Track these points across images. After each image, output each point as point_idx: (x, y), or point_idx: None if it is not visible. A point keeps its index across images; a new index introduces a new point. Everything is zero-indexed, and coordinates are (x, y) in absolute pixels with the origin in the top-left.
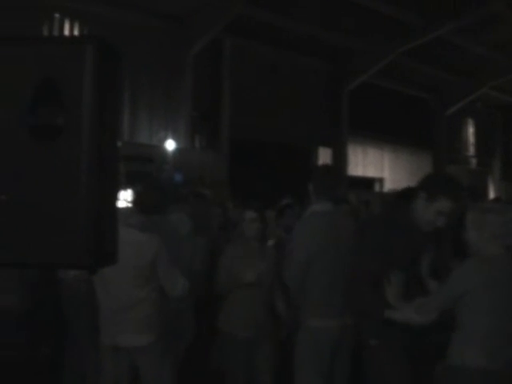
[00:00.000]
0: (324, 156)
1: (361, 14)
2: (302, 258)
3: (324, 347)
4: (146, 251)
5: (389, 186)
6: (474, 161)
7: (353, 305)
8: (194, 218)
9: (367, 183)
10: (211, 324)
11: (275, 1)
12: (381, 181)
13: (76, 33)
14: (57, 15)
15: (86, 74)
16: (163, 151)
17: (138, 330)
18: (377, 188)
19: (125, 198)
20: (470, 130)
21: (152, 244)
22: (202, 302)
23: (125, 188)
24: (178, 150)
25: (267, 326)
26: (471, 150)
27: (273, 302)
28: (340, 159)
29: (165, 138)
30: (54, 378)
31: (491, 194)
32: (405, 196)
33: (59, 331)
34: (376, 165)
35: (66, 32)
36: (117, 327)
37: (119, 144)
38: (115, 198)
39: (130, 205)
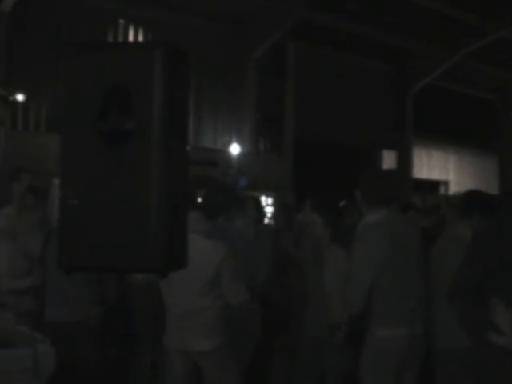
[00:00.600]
0: (388, 159)
1: (425, 16)
2: (366, 283)
3: (391, 357)
4: (211, 258)
5: (454, 188)
6: None
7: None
8: (260, 222)
9: (432, 186)
10: (279, 327)
11: (337, 3)
12: (446, 183)
13: (140, 38)
14: (121, 21)
15: (155, 78)
16: (228, 155)
17: (203, 334)
18: (442, 191)
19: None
20: None
21: (218, 251)
22: (268, 305)
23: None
24: (242, 154)
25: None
26: None
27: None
28: (405, 162)
29: (229, 142)
30: (122, 381)
31: None
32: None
33: (127, 334)
34: (441, 167)
35: (131, 38)
36: (182, 332)
37: (188, 148)
38: (185, 203)
39: (195, 210)
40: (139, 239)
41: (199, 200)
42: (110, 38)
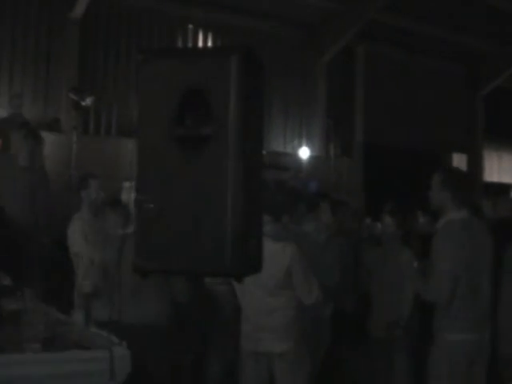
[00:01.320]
0: (459, 162)
1: (495, 16)
2: (452, 271)
3: (460, 361)
4: (280, 260)
5: None
6: None
7: None
8: (331, 227)
9: (503, 189)
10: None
11: (407, 5)
12: None
13: (210, 43)
14: (190, 26)
15: (231, 83)
16: (298, 159)
17: (276, 336)
18: None
19: None
20: None
21: (286, 253)
22: (340, 307)
23: None
24: (312, 158)
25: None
26: None
27: None
28: (475, 165)
29: (299, 146)
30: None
31: None
32: None
33: (202, 337)
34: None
35: (200, 43)
36: (256, 333)
37: (264, 152)
38: (260, 206)
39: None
40: (215, 243)
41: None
42: (180, 43)
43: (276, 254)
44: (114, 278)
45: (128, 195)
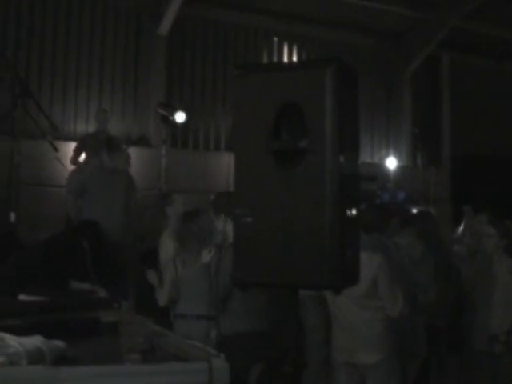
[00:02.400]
0: None
1: None
2: None
3: None
4: (367, 271)
5: None
6: None
7: None
8: (425, 240)
9: None
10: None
11: (492, 12)
12: None
13: (295, 56)
14: (275, 39)
15: (327, 96)
16: (385, 169)
17: (367, 347)
18: None
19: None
20: None
21: (372, 264)
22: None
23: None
24: (399, 168)
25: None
26: None
27: None
28: None
29: (386, 156)
30: None
31: None
32: None
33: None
34: None
35: (285, 55)
36: (348, 345)
37: (359, 163)
38: (356, 217)
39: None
40: (313, 255)
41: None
42: (265, 56)
43: (363, 264)
44: (209, 289)
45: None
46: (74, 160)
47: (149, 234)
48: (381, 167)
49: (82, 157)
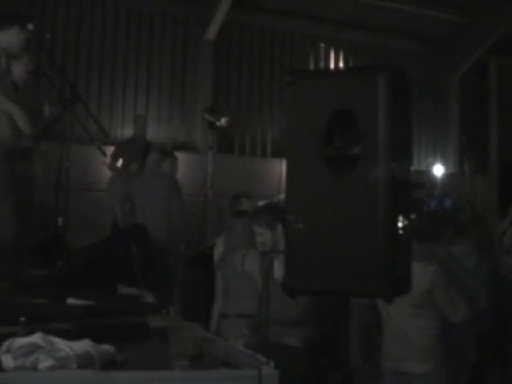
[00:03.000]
0: None
1: None
2: None
3: None
4: (421, 280)
5: None
6: None
7: None
8: (478, 248)
9: None
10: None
11: None
12: None
13: (342, 62)
14: (322, 45)
15: (379, 102)
16: (432, 176)
17: (417, 356)
18: None
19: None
20: None
21: (426, 273)
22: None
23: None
24: (446, 175)
25: None
26: None
27: None
28: None
29: (433, 163)
30: None
31: None
32: None
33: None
34: None
35: (332, 62)
36: (398, 353)
37: (411, 169)
38: (408, 224)
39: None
40: (365, 263)
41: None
42: (311, 62)
43: (416, 273)
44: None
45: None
46: (112, 165)
47: (195, 238)
48: (428, 174)
49: (120, 162)
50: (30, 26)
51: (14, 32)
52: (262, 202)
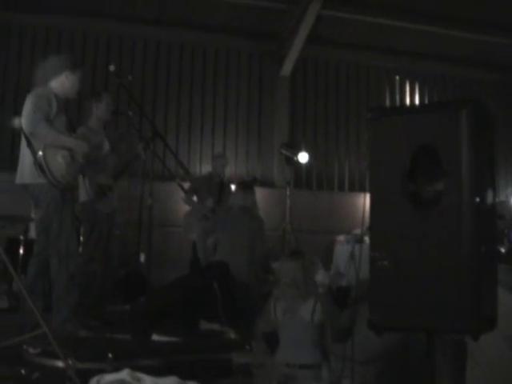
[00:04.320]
0: None
1: None
2: None
3: None
4: None
5: None
6: None
7: None
8: None
9: None
10: None
11: None
12: None
13: (417, 94)
14: (397, 77)
15: (462, 137)
16: (510, 207)
17: None
18: None
19: None
20: None
21: None
22: None
23: None
24: None
25: None
26: None
27: None
28: None
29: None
30: None
31: None
32: None
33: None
34: None
35: (408, 94)
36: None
37: (496, 201)
38: (493, 257)
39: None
40: (450, 299)
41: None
42: (387, 94)
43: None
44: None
45: (341, 248)
46: (188, 200)
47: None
48: (507, 205)
49: (195, 197)
50: (111, 68)
51: (65, 77)
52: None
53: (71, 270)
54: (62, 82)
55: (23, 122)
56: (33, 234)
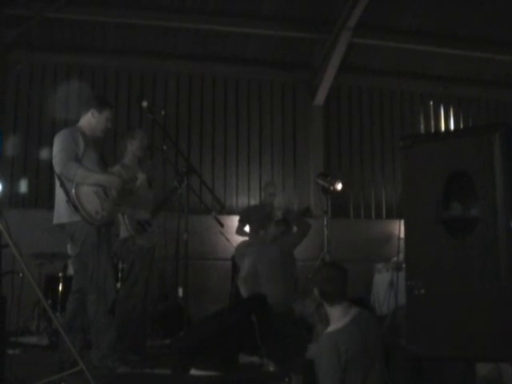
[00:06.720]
0: None
1: None
2: None
3: None
4: None
5: None
6: None
7: None
8: None
9: None
10: None
11: None
12: None
13: (451, 118)
14: (431, 102)
15: (495, 162)
16: None
17: None
18: None
19: None
20: None
21: None
22: None
23: None
24: None
25: None
26: None
27: None
28: None
29: None
30: None
31: None
32: None
33: None
34: None
35: (442, 118)
36: None
37: None
38: None
39: None
40: (489, 326)
41: None
42: (421, 120)
43: None
44: None
45: (380, 276)
46: (240, 230)
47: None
48: None
49: (247, 228)
50: (144, 104)
51: (91, 115)
52: None
53: (109, 306)
54: (88, 120)
55: (53, 163)
56: (71, 270)
